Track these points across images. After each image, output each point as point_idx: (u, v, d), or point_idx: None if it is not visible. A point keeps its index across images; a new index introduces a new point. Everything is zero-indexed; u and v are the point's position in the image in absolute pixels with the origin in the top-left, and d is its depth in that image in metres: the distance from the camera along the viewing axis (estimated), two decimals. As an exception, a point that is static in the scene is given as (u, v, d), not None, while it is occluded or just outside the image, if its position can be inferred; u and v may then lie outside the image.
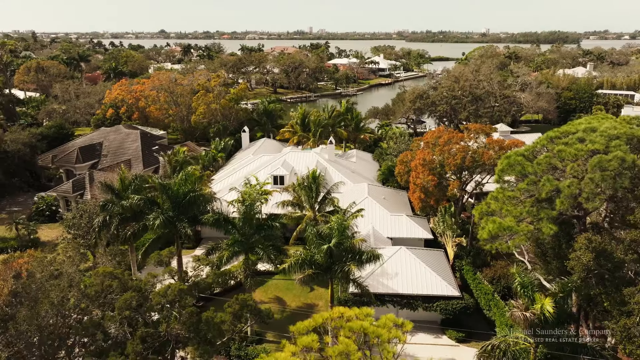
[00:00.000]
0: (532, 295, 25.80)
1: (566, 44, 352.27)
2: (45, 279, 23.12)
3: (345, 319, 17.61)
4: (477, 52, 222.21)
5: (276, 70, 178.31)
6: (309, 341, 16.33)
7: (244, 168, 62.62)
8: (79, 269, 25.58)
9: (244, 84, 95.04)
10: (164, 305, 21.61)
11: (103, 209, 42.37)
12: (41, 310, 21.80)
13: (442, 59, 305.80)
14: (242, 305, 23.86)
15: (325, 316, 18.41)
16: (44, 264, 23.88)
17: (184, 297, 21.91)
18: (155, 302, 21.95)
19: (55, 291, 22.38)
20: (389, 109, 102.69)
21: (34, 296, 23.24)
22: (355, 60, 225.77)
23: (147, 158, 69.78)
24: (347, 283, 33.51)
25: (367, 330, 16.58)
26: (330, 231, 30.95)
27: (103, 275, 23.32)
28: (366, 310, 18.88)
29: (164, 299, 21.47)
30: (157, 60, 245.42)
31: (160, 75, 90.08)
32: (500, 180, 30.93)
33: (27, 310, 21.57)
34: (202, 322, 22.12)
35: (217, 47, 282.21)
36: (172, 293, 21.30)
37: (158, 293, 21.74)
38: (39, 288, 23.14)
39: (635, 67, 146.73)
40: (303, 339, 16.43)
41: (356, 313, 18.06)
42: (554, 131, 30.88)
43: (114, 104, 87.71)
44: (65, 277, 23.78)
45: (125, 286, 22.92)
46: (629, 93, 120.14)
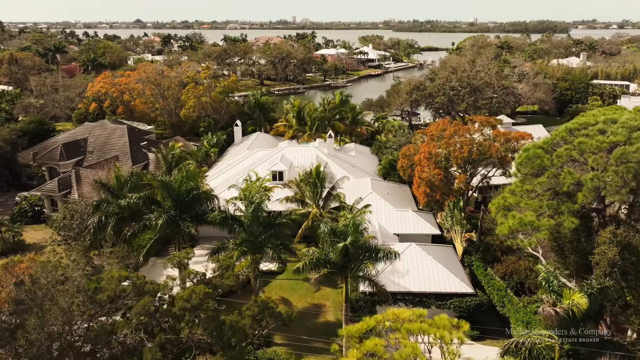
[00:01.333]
0: (559, 290, 25.96)
1: (555, 34, 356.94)
2: (52, 285, 22.48)
3: (400, 320, 17.43)
4: (468, 42, 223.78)
5: (262, 62, 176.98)
6: (372, 346, 16.10)
7: (240, 164, 62.01)
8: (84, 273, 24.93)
9: (235, 75, 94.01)
10: (189, 309, 21.16)
11: (97, 208, 41.61)
12: (50, 317, 21.19)
13: (431, 49, 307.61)
14: (263, 308, 23.54)
15: (379, 318, 18.20)
16: (48, 268, 23.18)
17: (207, 300, 21.50)
18: (178, 307, 21.47)
19: (63, 297, 21.78)
20: (384, 101, 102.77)
21: (39, 303, 22.60)
22: (343, 51, 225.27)
23: (136, 154, 68.64)
24: (362, 282, 33.35)
25: (428, 332, 16.44)
26: (346, 229, 30.75)
27: (118, 279, 22.76)
28: (418, 311, 18.75)
29: (188, 304, 21.04)
30: (134, 51, 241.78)
31: (146, 67, 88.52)
32: (518, 174, 31.00)
33: (35, 318, 20.95)
34: (226, 326, 21.75)
35: (199, 38, 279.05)
36: (196, 297, 20.87)
37: (182, 297, 21.30)
38: (45, 294, 22.49)
39: (629, 57, 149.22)
40: (367, 343, 16.20)
41: (409, 315, 17.87)
42: (573, 123, 31.06)
43: (96, 98, 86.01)
44: (72, 282, 23.15)
45: (141, 290, 22.40)
46: (623, 83, 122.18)
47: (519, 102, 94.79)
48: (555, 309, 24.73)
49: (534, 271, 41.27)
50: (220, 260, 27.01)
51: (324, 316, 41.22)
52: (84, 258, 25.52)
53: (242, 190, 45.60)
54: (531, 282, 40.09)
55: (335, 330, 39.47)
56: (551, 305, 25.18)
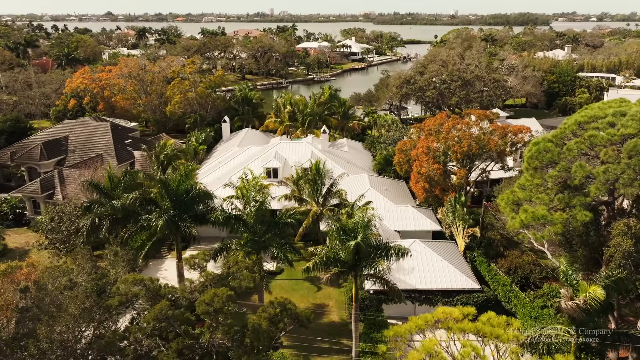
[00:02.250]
0: (576, 284, 26.41)
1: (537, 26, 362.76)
2: (59, 291, 21.89)
3: (452, 319, 17.45)
4: (452, 34, 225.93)
5: (244, 55, 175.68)
6: (431, 346, 16.08)
7: (232, 161, 61.46)
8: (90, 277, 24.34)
9: (221, 70, 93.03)
10: (211, 313, 20.81)
11: (89, 210, 40.76)
12: (62, 325, 20.64)
13: (414, 42, 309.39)
14: (280, 309, 23.34)
15: (428, 318, 18.20)
16: (56, 274, 22.56)
17: (228, 303, 21.20)
18: (200, 310, 21.09)
19: (74, 303, 21.24)
20: (372, 95, 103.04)
21: (46, 310, 22.02)
22: (325, 44, 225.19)
23: (120, 152, 67.43)
24: (368, 280, 33.42)
25: (483, 331, 16.49)
26: (356, 226, 30.72)
27: (133, 283, 22.27)
28: (468, 310, 18.80)
29: (210, 307, 20.68)
30: (108, 45, 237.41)
31: (128, 61, 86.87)
32: (529, 168, 31.41)
33: (46, 326, 20.38)
34: (248, 330, 21.47)
35: (175, 31, 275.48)
36: (219, 300, 20.55)
37: (203, 301, 20.91)
38: (52, 301, 21.91)
39: (612, 49, 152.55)
40: (425, 343, 16.18)
41: (458, 313, 17.91)
42: (582, 116, 31.57)
43: (75, 94, 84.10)
44: (79, 288, 22.60)
45: (155, 294, 21.97)
46: (609, 75, 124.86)
47: (509, 95, 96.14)
48: (577, 302, 25.13)
49: (538, 265, 41.97)
50: (239, 262, 26.62)
51: (328, 316, 41.20)
52: (89, 262, 24.89)
53: (239, 189, 45.23)
54: (536, 277, 40.73)
55: (341, 330, 39.63)
56: (569, 299, 25.59)
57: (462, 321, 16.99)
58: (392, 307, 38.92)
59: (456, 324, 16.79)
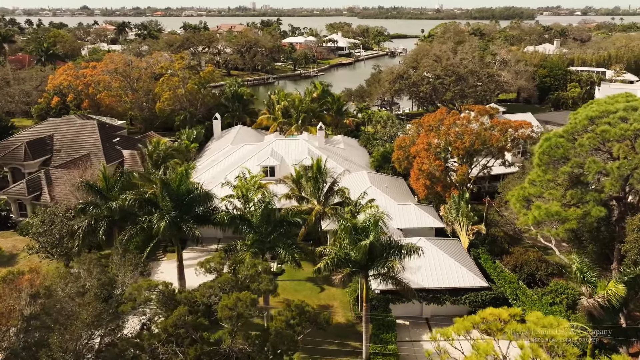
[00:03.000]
0: (594, 281, 26.62)
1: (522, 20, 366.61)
2: (70, 297, 21.31)
3: (501, 320, 17.37)
4: (440, 29, 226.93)
5: (229, 51, 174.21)
6: (487, 348, 15.95)
7: (226, 159, 60.82)
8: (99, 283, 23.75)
9: (211, 66, 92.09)
10: (234, 318, 20.41)
11: (83, 212, 40.01)
12: (74, 333, 20.11)
13: (400, 37, 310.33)
14: (298, 312, 23.08)
15: (476, 319, 18.09)
16: (67, 279, 21.95)
17: (251, 308, 20.83)
18: (223, 315, 20.68)
19: (86, 310, 20.70)
20: (364, 91, 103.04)
21: (55, 318, 21.44)
22: (312, 39, 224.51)
23: (109, 151, 66.27)
24: (376, 280, 33.30)
25: (535, 331, 16.43)
26: (367, 225, 30.59)
27: (147, 288, 21.78)
28: (514, 310, 18.72)
29: (233, 312, 20.28)
30: (86, 40, 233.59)
31: (114, 57, 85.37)
32: (540, 163, 31.59)
33: (58, 334, 19.82)
34: (271, 334, 21.16)
35: (155, 25, 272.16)
36: (242, 305, 20.16)
37: (226, 305, 20.50)
38: (63, 308, 21.34)
39: (601, 43, 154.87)
40: (481, 345, 16.04)
41: (507, 315, 17.82)
42: (593, 110, 31.86)
43: (58, 91, 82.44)
44: (91, 294, 22.05)
45: (171, 299, 21.51)
46: (599, 70, 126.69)
47: (502, 90, 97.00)
48: (596, 299, 25.33)
49: (544, 262, 42.36)
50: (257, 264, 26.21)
51: (334, 317, 40.83)
52: (97, 267, 24.32)
53: (239, 188, 44.84)
54: (542, 273, 41.07)
55: (347, 331, 39.49)
56: (589, 297, 25.79)
57: (509, 322, 16.92)
58: (399, 307, 38.92)
59: (506, 325, 16.72)
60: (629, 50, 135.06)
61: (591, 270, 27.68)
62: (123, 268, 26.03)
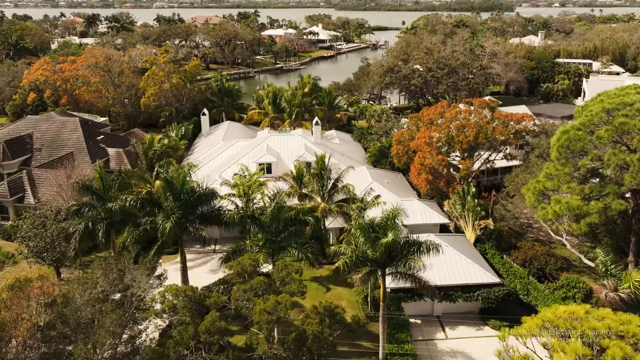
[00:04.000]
0: (617, 274, 27.01)
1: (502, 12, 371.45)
2: (91, 304, 20.61)
3: (575, 318, 17.29)
4: (422, 21, 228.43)
5: (207, 44, 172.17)
6: (579, 348, 15.82)
7: (219, 156, 60.03)
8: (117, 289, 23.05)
9: (197, 59, 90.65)
10: (273, 322, 19.99)
11: (78, 213, 38.96)
12: (98, 342, 19.46)
13: (381, 29, 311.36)
14: (326, 314, 22.78)
15: (549, 317, 17.97)
16: (87, 285, 21.20)
17: (290, 312, 20.44)
18: (262, 319, 20.21)
19: (109, 317, 20.05)
20: (352, 84, 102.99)
21: (75, 326, 20.74)
22: (292, 31, 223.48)
23: (93, 150, 64.79)
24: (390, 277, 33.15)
25: (615, 330, 16.36)
26: (385, 222, 30.46)
27: (176, 294, 21.17)
28: (586, 307, 18.68)
29: (272, 316, 19.84)
30: (53, 33, 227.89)
31: (94, 51, 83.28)
32: (560, 157, 31.89)
33: (82, 344, 19.15)
34: (308, 338, 20.80)
35: (126, 18, 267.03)
36: (283, 308, 19.73)
37: (264, 309, 20.03)
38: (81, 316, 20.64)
39: (586, 35, 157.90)
40: (572, 345, 15.89)
41: (582, 312, 17.71)
42: (610, 103, 32.28)
43: (35, 87, 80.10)
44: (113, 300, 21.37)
45: (199, 305, 20.96)
46: (586, 61, 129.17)
47: (493, 82, 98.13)
48: (619, 293, 25.70)
49: (552, 256, 42.93)
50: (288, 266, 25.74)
51: (343, 317, 40.90)
52: (114, 272, 23.54)
53: (241, 186, 44.31)
54: (552, 268, 41.60)
55: (358, 332, 39.34)
56: (613, 290, 26.16)
57: (586, 319, 16.91)
58: (410, 306, 38.98)
59: (586, 323, 16.68)
60: (613, 42, 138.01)
61: (615, 264, 28.12)
62: (138, 272, 25.31)
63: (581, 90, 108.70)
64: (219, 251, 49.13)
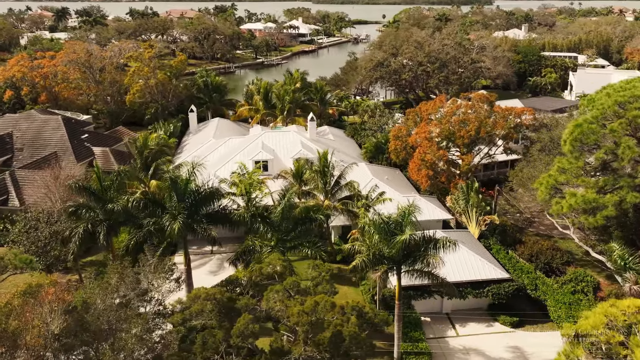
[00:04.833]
0: (635, 266, 27.59)
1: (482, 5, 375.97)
2: (112, 310, 20.17)
3: None
4: (404, 14, 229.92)
5: (185, 38, 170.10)
6: None
7: (211, 154, 59.36)
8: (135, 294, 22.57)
9: (183, 55, 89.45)
10: (311, 324, 19.80)
11: (74, 215, 38.17)
12: (126, 350, 19.06)
13: (361, 22, 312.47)
14: (358, 314, 22.74)
15: (613, 312, 18.04)
16: (108, 290, 20.72)
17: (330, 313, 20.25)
18: (301, 321, 20.00)
19: (136, 323, 19.66)
20: (340, 79, 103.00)
21: (96, 333, 20.30)
22: (271, 25, 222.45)
23: (78, 149, 63.52)
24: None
25: None
26: (401, 219, 30.55)
27: (205, 298, 20.81)
28: None
29: (311, 317, 19.66)
30: (20, 27, 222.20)
31: (75, 46, 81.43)
32: (573, 150, 32.43)
33: (111, 352, 18.72)
34: (345, 340, 20.70)
35: (97, 11, 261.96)
36: (323, 309, 19.55)
37: (302, 311, 19.85)
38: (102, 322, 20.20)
39: (570, 28, 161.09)
40: None
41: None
42: (622, 96, 32.93)
43: (11, 84, 78.05)
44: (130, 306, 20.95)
45: (229, 308, 20.66)
46: (571, 55, 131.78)
47: (483, 76, 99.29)
48: (644, 287, 26.25)
49: (558, 250, 43.71)
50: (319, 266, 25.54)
51: (350, 317, 40.99)
52: (130, 276, 23.03)
53: (242, 184, 43.99)
54: (558, 262, 42.35)
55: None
56: (635, 283, 26.73)
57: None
58: (419, 303, 39.22)
59: None
60: (597, 35, 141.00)
61: (633, 257, 28.73)
62: (155, 275, 24.86)
63: (567, 83, 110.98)
64: (216, 252, 48.64)
